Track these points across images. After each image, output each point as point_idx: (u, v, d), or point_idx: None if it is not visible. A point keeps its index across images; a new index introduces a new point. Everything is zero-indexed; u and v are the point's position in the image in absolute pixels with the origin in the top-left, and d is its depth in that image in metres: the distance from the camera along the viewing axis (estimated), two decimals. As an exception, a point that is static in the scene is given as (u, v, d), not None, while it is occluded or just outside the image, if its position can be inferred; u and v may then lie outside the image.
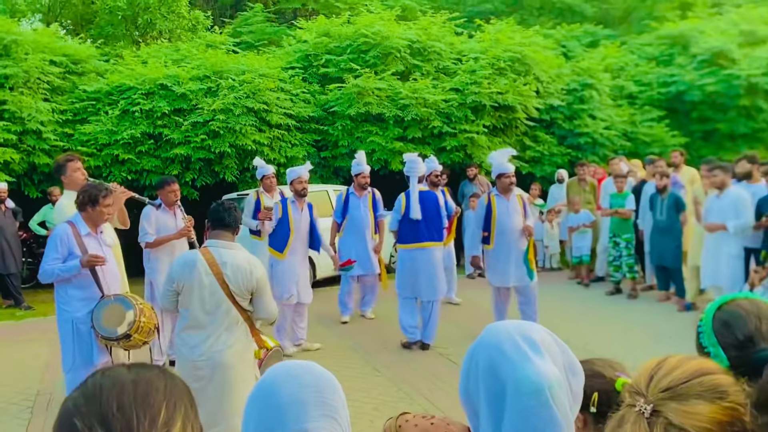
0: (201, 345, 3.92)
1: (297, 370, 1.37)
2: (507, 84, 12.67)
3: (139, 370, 1.01)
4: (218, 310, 3.90)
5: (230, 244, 3.98)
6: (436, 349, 7.00)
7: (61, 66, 11.66)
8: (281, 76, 12.42)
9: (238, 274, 3.87)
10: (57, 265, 4.55)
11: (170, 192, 6.47)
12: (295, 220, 7.10)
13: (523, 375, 1.23)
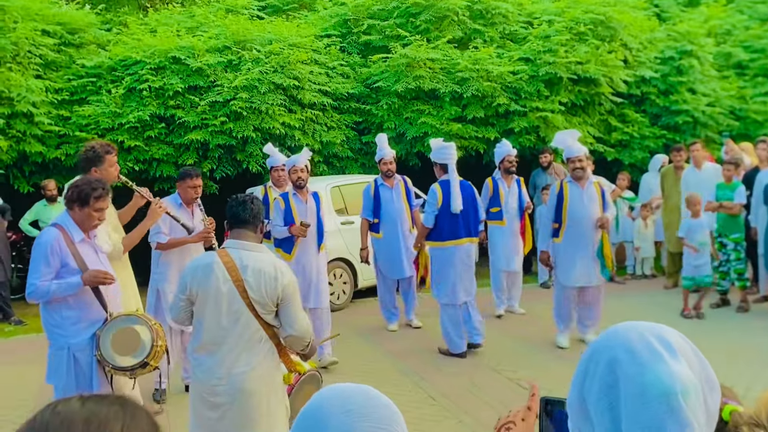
0: (218, 367, 3.82)
1: (349, 397, 1.38)
2: (588, 52, 12.46)
3: (94, 407, 1.03)
4: (237, 325, 3.79)
5: (253, 245, 3.88)
6: (503, 372, 6.87)
7: (55, 37, 11.73)
8: (315, 46, 12.34)
9: (261, 281, 3.75)
10: (48, 283, 4.34)
11: (190, 187, 6.40)
12: (300, 214, 7.26)
13: (654, 377, 1.24)
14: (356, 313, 9.48)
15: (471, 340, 7.45)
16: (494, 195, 9.07)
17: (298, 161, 7.46)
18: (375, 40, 12.70)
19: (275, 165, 8.32)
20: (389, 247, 8.47)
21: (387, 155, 8.49)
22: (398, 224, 8.44)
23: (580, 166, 7.39)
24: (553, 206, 7.57)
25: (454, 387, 6.51)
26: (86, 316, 4.46)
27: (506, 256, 9.08)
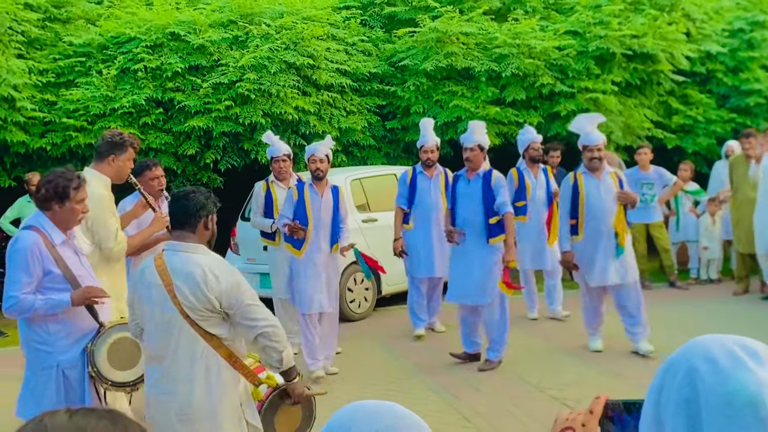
0: (157, 383, 3.87)
1: (378, 414, 1.41)
2: (645, 24, 12.45)
3: (81, 420, 1.05)
4: (173, 333, 3.78)
5: (189, 245, 3.85)
6: (547, 390, 6.89)
7: (39, 11, 11.89)
8: (332, 20, 12.42)
9: (189, 285, 3.74)
10: (32, 297, 4.34)
11: (151, 179, 6.59)
12: (314, 208, 7.42)
13: (738, 386, 1.25)
14: (380, 323, 9.54)
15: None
16: (520, 187, 9.10)
17: (317, 150, 7.57)
18: (400, 12, 12.75)
19: (276, 155, 8.31)
20: (420, 241, 8.64)
21: (428, 142, 8.70)
22: (432, 218, 8.60)
23: (597, 156, 7.58)
24: (568, 200, 7.74)
25: (491, 406, 6.55)
26: (76, 328, 4.48)
27: (531, 254, 9.14)
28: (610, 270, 7.62)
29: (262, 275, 9.57)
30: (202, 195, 3.91)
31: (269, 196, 8.22)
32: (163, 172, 6.75)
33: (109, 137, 5.60)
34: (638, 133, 12.43)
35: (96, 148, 5.78)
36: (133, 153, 5.58)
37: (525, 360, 7.76)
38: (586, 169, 7.72)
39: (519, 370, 7.47)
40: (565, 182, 7.89)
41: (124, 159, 5.49)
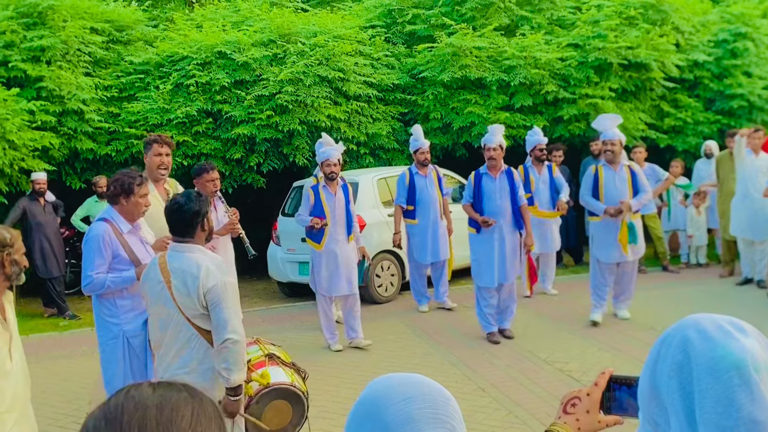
0: (159, 367, 3.88)
1: (407, 384, 1.40)
2: (639, 36, 12.32)
3: (164, 392, 1.06)
4: (169, 326, 3.78)
5: (186, 246, 3.81)
6: (555, 364, 6.83)
7: (103, 34, 11.97)
8: (360, 38, 12.38)
9: (183, 282, 3.71)
10: (104, 276, 4.54)
11: (208, 181, 6.57)
12: (329, 206, 7.56)
13: (725, 351, 1.25)
14: (404, 306, 9.52)
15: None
16: (525, 182, 9.24)
17: (332, 155, 7.60)
18: (420, 29, 12.69)
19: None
20: (425, 232, 8.97)
21: (425, 145, 9.01)
22: (432, 210, 8.94)
23: (611, 150, 7.88)
24: (589, 188, 8.03)
25: (504, 378, 6.50)
26: (138, 303, 4.59)
27: (538, 240, 9.17)
28: (620, 250, 7.90)
29: (301, 263, 9.63)
30: (194, 203, 3.81)
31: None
32: (218, 175, 6.71)
33: (144, 140, 5.76)
34: (634, 134, 12.27)
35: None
36: (158, 147, 5.51)
37: (534, 337, 7.72)
38: (604, 161, 8.04)
39: (529, 346, 7.42)
40: (588, 172, 8.17)
41: (150, 155, 5.53)
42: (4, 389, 3.52)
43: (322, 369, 7.02)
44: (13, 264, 3.56)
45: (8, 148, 9.94)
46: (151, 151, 5.51)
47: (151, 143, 5.52)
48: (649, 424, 1.35)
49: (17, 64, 10.61)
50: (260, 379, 4.12)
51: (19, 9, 11.17)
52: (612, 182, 7.91)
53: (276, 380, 4.16)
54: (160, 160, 5.51)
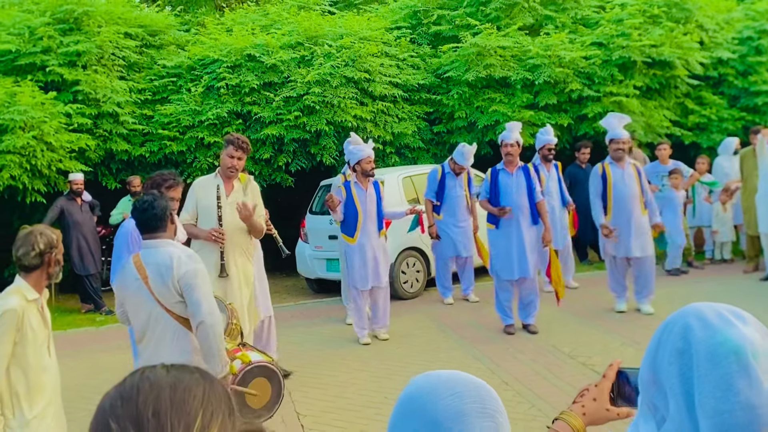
0: (143, 359, 3.95)
1: (454, 380, 1.41)
2: (663, 35, 12.20)
3: (178, 373, 1.10)
4: (149, 319, 3.88)
5: (159, 242, 3.92)
6: (577, 358, 6.80)
7: (137, 39, 12.11)
8: (385, 39, 12.41)
9: (158, 273, 3.82)
10: None
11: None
12: (362, 201, 7.64)
13: (724, 338, 1.26)
14: (429, 301, 9.53)
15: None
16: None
17: (371, 153, 7.73)
18: (445, 30, 12.68)
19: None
20: (450, 228, 9.15)
21: (467, 165, 9.15)
22: (458, 209, 9.14)
23: (621, 148, 8.04)
24: (599, 185, 8.15)
25: (528, 372, 6.49)
26: None
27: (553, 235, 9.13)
28: (632, 244, 8.03)
29: (328, 260, 9.71)
30: (163, 199, 3.98)
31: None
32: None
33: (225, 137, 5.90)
34: (658, 131, 12.19)
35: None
36: (233, 150, 5.63)
37: (558, 332, 7.68)
38: (611, 159, 8.12)
39: (552, 340, 7.40)
40: (595, 171, 8.27)
41: (223, 154, 5.70)
42: (45, 384, 3.63)
43: (349, 362, 7.06)
44: (56, 263, 3.65)
45: (46, 150, 10.11)
46: (226, 151, 5.65)
47: (228, 143, 5.64)
48: (648, 408, 1.36)
49: (54, 69, 10.79)
50: (242, 357, 4.27)
51: (55, 15, 11.36)
52: (621, 180, 8.05)
53: (255, 359, 4.27)
54: (231, 162, 5.62)
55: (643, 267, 8.15)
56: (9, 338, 3.44)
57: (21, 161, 9.87)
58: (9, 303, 3.48)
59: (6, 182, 9.83)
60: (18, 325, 3.47)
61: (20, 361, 3.51)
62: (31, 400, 3.56)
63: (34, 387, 3.56)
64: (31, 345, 3.53)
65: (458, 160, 9.08)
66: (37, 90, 10.42)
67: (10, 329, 3.44)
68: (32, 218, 11.09)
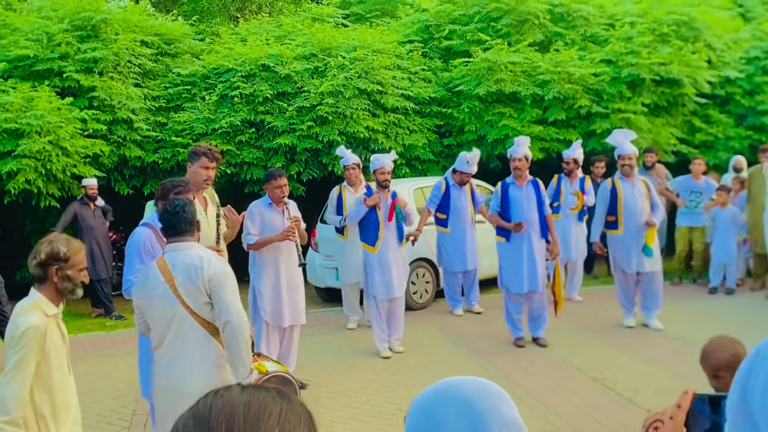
0: (161, 367, 3.82)
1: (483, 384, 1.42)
2: (671, 53, 12.13)
3: (253, 392, 1.07)
4: (172, 323, 3.75)
5: (185, 244, 3.82)
6: (588, 372, 6.70)
7: (153, 47, 12.07)
8: (398, 52, 12.36)
9: (187, 274, 3.71)
10: None
11: (276, 187, 6.44)
12: (384, 211, 7.53)
13: None
14: (439, 312, 9.42)
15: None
16: (557, 191, 9.55)
17: (386, 164, 7.64)
18: (456, 45, 12.63)
19: (347, 164, 8.62)
20: (456, 241, 9.08)
21: (472, 172, 9.05)
22: (464, 221, 9.05)
23: (628, 164, 8.02)
24: (606, 201, 8.12)
25: (539, 385, 6.39)
26: None
27: (564, 247, 9.14)
28: (643, 259, 7.98)
29: (338, 270, 9.57)
30: (191, 206, 3.91)
31: (340, 199, 8.56)
32: (286, 182, 6.51)
33: (191, 149, 5.52)
34: (665, 149, 12.11)
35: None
36: (206, 161, 5.25)
37: (567, 345, 7.59)
38: (620, 175, 8.08)
39: (562, 354, 7.30)
40: (603, 186, 8.27)
41: (196, 166, 5.25)
42: (70, 403, 3.43)
43: (360, 373, 6.96)
44: (64, 279, 3.34)
45: (61, 155, 10.04)
46: (198, 163, 5.25)
47: (200, 155, 5.25)
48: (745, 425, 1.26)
49: (71, 75, 10.74)
50: (258, 367, 4.23)
51: (73, 22, 11.31)
52: (631, 195, 8.02)
53: (272, 369, 4.20)
54: (206, 174, 5.30)
55: (651, 282, 8.09)
56: (32, 357, 3.18)
57: (36, 165, 9.80)
58: (31, 320, 3.20)
59: (21, 186, 9.76)
60: (41, 343, 3.21)
61: (44, 382, 3.25)
62: (59, 421, 3.32)
63: (60, 407, 3.32)
64: (55, 363, 3.30)
65: (459, 167, 8.96)
66: (53, 95, 10.36)
67: (33, 347, 3.18)
68: (45, 222, 11.04)
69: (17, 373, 3.15)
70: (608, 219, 8.16)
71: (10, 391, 3.13)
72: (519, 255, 7.55)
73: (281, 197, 6.45)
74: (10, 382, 3.15)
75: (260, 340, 6.38)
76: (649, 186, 8.18)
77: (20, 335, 3.18)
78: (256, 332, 6.38)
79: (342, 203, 8.47)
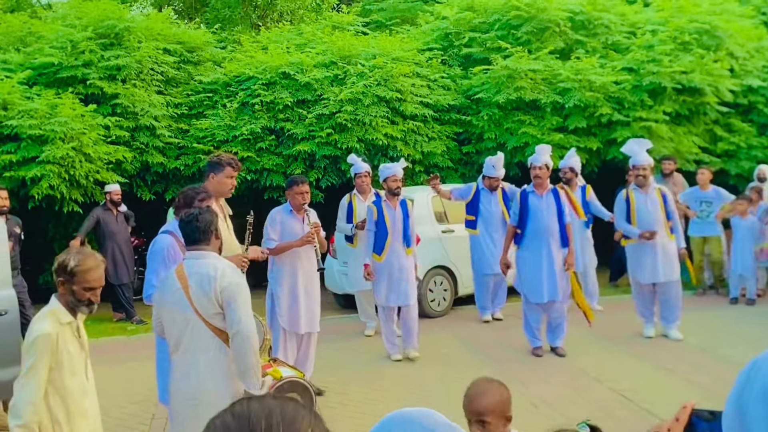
0: (175, 372, 3.87)
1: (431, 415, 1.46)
2: (693, 61, 12.08)
3: (284, 400, 1.16)
4: (186, 330, 3.80)
5: (202, 253, 3.87)
6: (606, 383, 6.64)
7: (175, 55, 12.20)
8: (417, 60, 12.39)
9: (200, 284, 3.75)
10: None
11: (297, 194, 6.50)
12: (391, 220, 7.58)
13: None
14: (457, 320, 9.40)
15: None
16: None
17: (398, 171, 7.70)
18: (476, 52, 12.64)
19: (359, 172, 8.63)
20: (485, 244, 9.03)
21: (500, 175, 9.06)
22: (493, 225, 8.99)
23: (643, 174, 7.94)
24: (623, 212, 8.08)
25: (557, 395, 6.35)
26: None
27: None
28: (659, 269, 7.89)
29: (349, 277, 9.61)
30: (208, 213, 3.94)
31: (350, 207, 8.59)
32: (308, 188, 6.56)
33: (210, 159, 5.61)
34: (687, 158, 12.02)
35: (203, 168, 5.86)
36: (232, 171, 5.41)
37: (586, 355, 7.53)
38: (635, 185, 8.06)
39: (580, 363, 7.25)
40: (619, 197, 8.19)
41: (222, 176, 5.36)
42: (87, 409, 3.50)
43: (378, 380, 6.96)
44: (69, 293, 3.39)
45: (84, 161, 10.17)
46: (224, 173, 5.37)
47: (225, 165, 5.38)
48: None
49: (95, 82, 10.88)
50: (273, 373, 4.24)
51: (97, 30, 11.47)
52: (644, 206, 7.94)
53: (287, 375, 4.23)
54: (231, 183, 5.47)
55: (669, 292, 7.98)
56: (44, 364, 3.29)
57: (60, 171, 9.93)
58: (42, 327, 3.31)
59: (45, 191, 9.88)
60: (52, 350, 3.31)
61: (57, 387, 3.35)
62: (72, 426, 3.40)
63: (75, 413, 3.41)
64: (68, 370, 3.39)
65: (488, 172, 9.00)
66: (77, 102, 10.50)
67: (44, 354, 3.29)
68: (68, 227, 11.17)
69: (29, 379, 3.27)
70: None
71: (23, 396, 3.26)
72: (539, 264, 7.50)
73: (302, 203, 6.49)
74: (23, 387, 3.28)
75: (278, 346, 6.42)
76: (665, 195, 8.03)
77: (32, 342, 3.30)
78: (273, 338, 6.42)
79: (352, 212, 8.51)
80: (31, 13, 13.44)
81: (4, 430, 5.76)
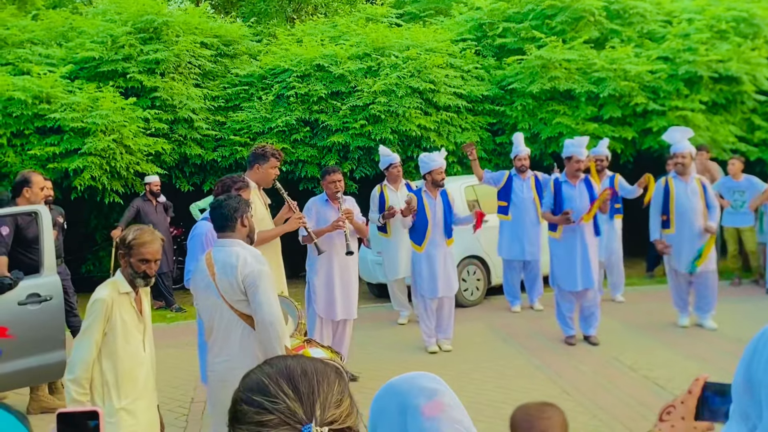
0: (210, 353, 4.03)
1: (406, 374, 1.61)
2: (730, 50, 11.90)
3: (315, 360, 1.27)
4: (215, 315, 3.94)
5: (228, 240, 3.99)
6: (640, 371, 6.64)
7: (212, 48, 12.35)
8: (451, 50, 12.38)
9: (224, 271, 3.87)
10: None
11: (330, 182, 6.60)
12: (432, 211, 7.51)
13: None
14: (490, 309, 9.43)
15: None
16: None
17: (443, 164, 7.65)
18: (510, 42, 12.58)
19: (394, 162, 8.67)
20: (515, 230, 9.09)
21: (522, 152, 9.19)
22: (524, 211, 9.04)
23: (681, 162, 7.84)
24: (660, 199, 7.97)
25: (590, 383, 6.37)
26: None
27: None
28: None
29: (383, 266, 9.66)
30: (234, 200, 4.04)
31: (382, 197, 8.59)
32: (341, 177, 6.68)
33: (254, 150, 5.82)
34: (724, 147, 11.85)
35: (247, 158, 6.04)
36: (276, 162, 5.68)
37: (619, 344, 7.52)
38: (675, 173, 7.95)
39: (614, 352, 7.24)
40: (657, 184, 8.12)
41: (267, 167, 5.62)
42: (138, 376, 3.70)
43: (410, 368, 6.93)
44: (127, 266, 3.64)
45: (125, 153, 10.37)
46: (269, 164, 5.62)
47: (269, 157, 5.63)
48: (740, 417, 1.31)
49: (134, 76, 11.07)
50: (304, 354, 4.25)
51: (136, 25, 11.66)
52: (684, 194, 7.84)
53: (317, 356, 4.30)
54: (275, 173, 5.70)
55: (704, 282, 7.92)
56: (98, 326, 3.54)
57: (101, 163, 10.14)
58: (100, 293, 3.57)
59: (87, 182, 10.10)
60: (107, 315, 3.55)
61: (110, 351, 3.59)
62: (120, 390, 3.61)
63: (124, 377, 3.62)
64: (122, 337, 3.60)
65: (513, 152, 9.24)
66: (117, 95, 10.69)
67: (99, 318, 3.53)
68: (110, 218, 11.41)
69: (84, 339, 3.57)
70: (661, 218, 8.01)
71: (77, 354, 3.55)
72: (573, 252, 7.50)
73: (335, 192, 6.60)
74: (78, 346, 3.57)
75: (313, 333, 6.52)
76: (705, 185, 7.96)
77: (90, 306, 3.58)
78: (309, 325, 6.52)
79: (384, 202, 8.52)
80: (73, 9, 13.70)
81: (49, 412, 5.95)
